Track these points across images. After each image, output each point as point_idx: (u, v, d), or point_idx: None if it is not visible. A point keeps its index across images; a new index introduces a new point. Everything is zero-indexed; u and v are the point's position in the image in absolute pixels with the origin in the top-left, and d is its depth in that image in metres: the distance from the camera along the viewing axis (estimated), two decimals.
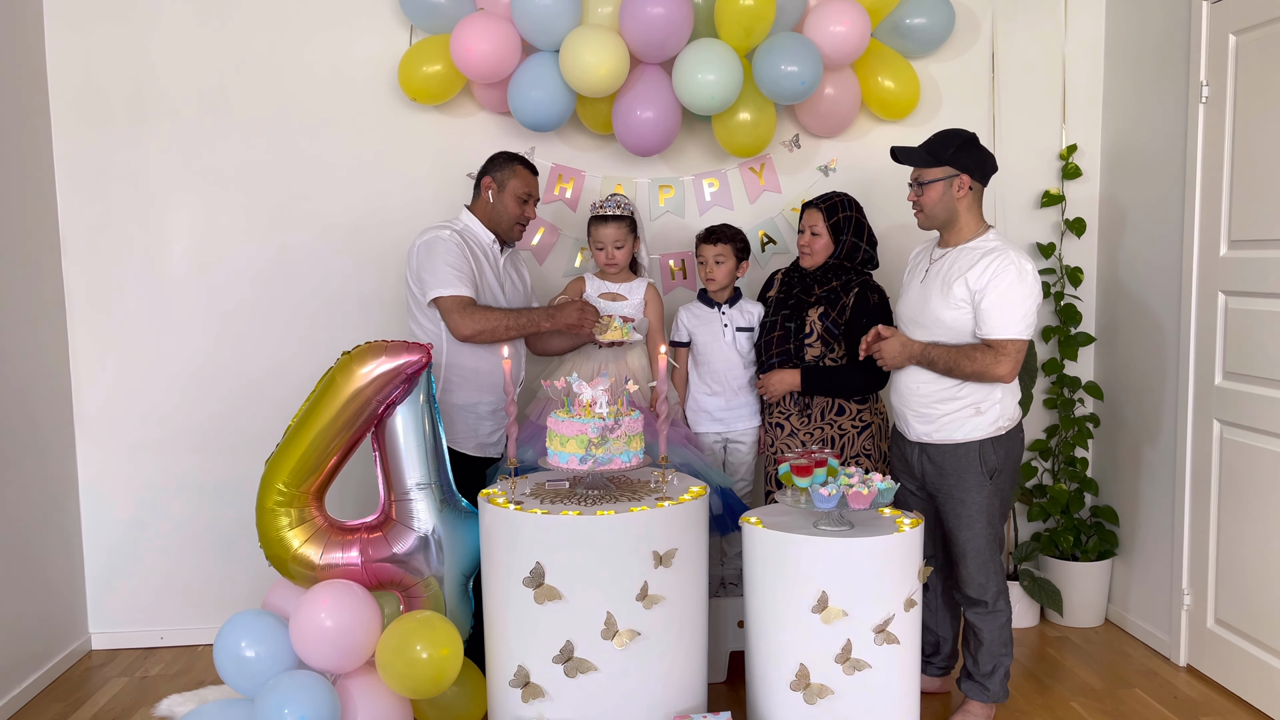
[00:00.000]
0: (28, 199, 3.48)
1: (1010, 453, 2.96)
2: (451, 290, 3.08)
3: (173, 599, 3.80)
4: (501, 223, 3.25)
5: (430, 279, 3.09)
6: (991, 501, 2.95)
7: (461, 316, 3.08)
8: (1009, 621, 3.03)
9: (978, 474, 2.92)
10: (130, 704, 3.32)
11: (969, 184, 2.89)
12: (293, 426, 2.85)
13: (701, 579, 2.77)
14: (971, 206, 2.92)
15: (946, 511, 3.00)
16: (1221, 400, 3.27)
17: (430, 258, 3.10)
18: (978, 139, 2.93)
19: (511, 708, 2.66)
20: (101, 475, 3.75)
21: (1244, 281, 3.16)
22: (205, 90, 3.67)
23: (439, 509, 2.89)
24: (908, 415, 3.01)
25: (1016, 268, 2.80)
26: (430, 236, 3.15)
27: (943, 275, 2.91)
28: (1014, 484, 3.03)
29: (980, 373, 2.83)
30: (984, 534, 2.95)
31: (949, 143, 2.90)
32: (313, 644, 2.69)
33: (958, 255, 2.90)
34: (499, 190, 3.23)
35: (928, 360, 2.90)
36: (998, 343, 2.81)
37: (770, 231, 3.87)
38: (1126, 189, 3.81)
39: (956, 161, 2.88)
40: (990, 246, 2.87)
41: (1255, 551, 3.14)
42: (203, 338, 3.74)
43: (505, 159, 3.27)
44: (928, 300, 2.93)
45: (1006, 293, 2.78)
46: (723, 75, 3.33)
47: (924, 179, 2.92)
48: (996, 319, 2.80)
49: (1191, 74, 3.36)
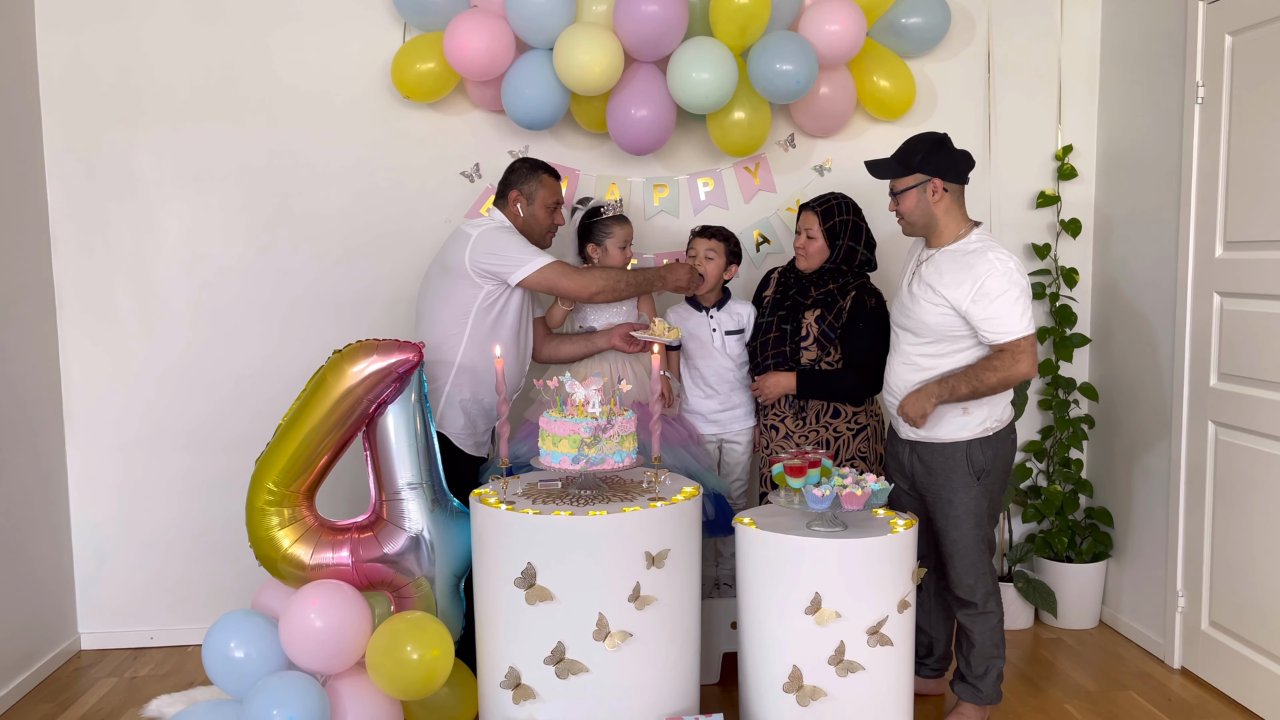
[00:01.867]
0: (18, 196, 3.46)
1: (1000, 454, 2.95)
2: (543, 259, 3.07)
3: (162, 599, 3.78)
4: (534, 233, 3.23)
5: (519, 256, 3.07)
6: (979, 502, 2.93)
7: (578, 278, 3.10)
8: (1000, 623, 3.02)
9: (964, 474, 2.91)
10: (119, 704, 3.29)
11: (943, 187, 2.87)
12: (283, 425, 2.83)
13: (694, 580, 2.75)
14: (950, 209, 2.89)
15: (935, 511, 2.99)
16: (1216, 402, 3.26)
17: (504, 242, 3.08)
18: (948, 140, 2.90)
19: (503, 709, 2.64)
20: (91, 474, 3.72)
21: (1239, 283, 3.15)
22: (197, 88, 3.65)
23: (430, 509, 2.87)
24: (901, 418, 3.00)
25: (1000, 267, 2.78)
26: (487, 226, 3.12)
27: (927, 279, 2.90)
28: (1004, 486, 3.02)
29: (1005, 379, 2.80)
30: (972, 535, 2.94)
31: (917, 149, 2.88)
32: (302, 645, 2.67)
33: (941, 258, 2.89)
34: (529, 202, 3.21)
35: (953, 394, 2.85)
36: (1009, 345, 2.79)
37: (765, 231, 3.85)
38: (1122, 190, 3.80)
39: (927, 167, 2.86)
40: (971, 249, 2.85)
41: (1250, 554, 3.13)
42: (193, 336, 3.72)
43: (528, 169, 3.23)
44: (915, 303, 2.92)
45: (1000, 295, 2.77)
46: (717, 74, 3.32)
47: (898, 188, 2.92)
48: (999, 323, 2.78)
49: (1187, 75, 3.35)
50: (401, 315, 3.70)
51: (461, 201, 3.72)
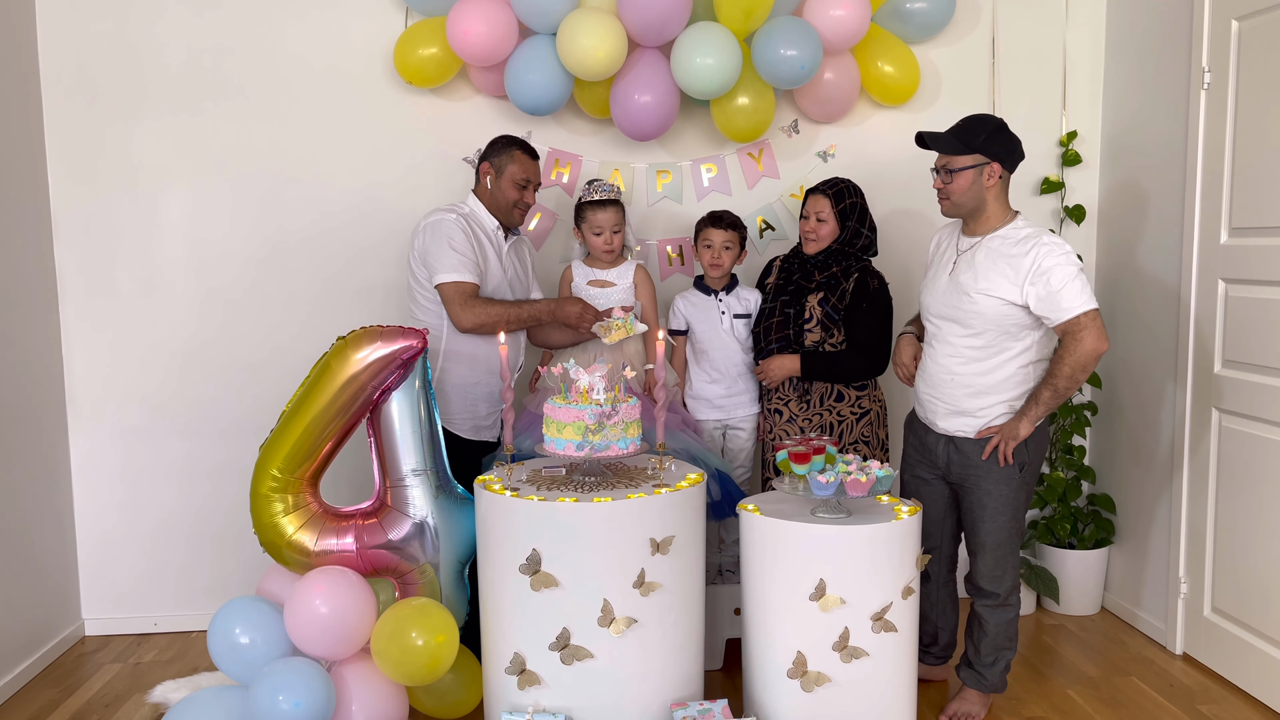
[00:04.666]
0: (19, 181, 3.45)
1: (1039, 444, 2.91)
2: (455, 276, 3.07)
3: (167, 585, 3.78)
4: (500, 208, 3.24)
5: (436, 263, 3.08)
6: (1018, 494, 2.89)
7: (463, 307, 3.07)
8: (1017, 617, 3.00)
9: (1007, 466, 2.86)
10: (124, 690, 3.30)
11: (999, 172, 2.81)
12: (287, 412, 2.83)
13: (699, 566, 2.75)
14: (999, 195, 2.84)
15: (970, 502, 2.93)
16: (1220, 388, 3.26)
17: (436, 241, 3.09)
18: (1007, 126, 2.84)
19: (507, 695, 2.65)
20: (95, 460, 3.72)
21: (1244, 269, 3.15)
22: (198, 72, 3.63)
23: (434, 495, 2.87)
24: (938, 407, 2.94)
25: (1055, 247, 2.72)
26: (436, 219, 3.13)
27: (975, 267, 2.82)
28: (1037, 478, 2.98)
29: (1077, 363, 2.71)
30: (1007, 527, 2.90)
31: (980, 130, 2.81)
32: (307, 631, 2.67)
33: (991, 245, 2.82)
34: (496, 176, 3.21)
35: (1046, 410, 2.79)
36: (1075, 321, 2.71)
37: (769, 218, 3.84)
38: (1127, 176, 3.79)
39: (987, 149, 2.79)
40: (1023, 234, 2.79)
41: (1252, 540, 3.14)
42: (196, 322, 3.71)
43: (504, 144, 3.25)
44: (962, 294, 2.83)
45: (1057, 271, 2.69)
46: (721, 59, 3.30)
47: (953, 166, 2.82)
48: (1066, 301, 2.70)
49: (1194, 60, 3.34)
50: (403, 302, 3.69)
51: (464, 187, 3.71)
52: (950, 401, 2.91)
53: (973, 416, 2.88)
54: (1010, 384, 2.84)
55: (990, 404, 2.86)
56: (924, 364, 3.00)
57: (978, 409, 2.87)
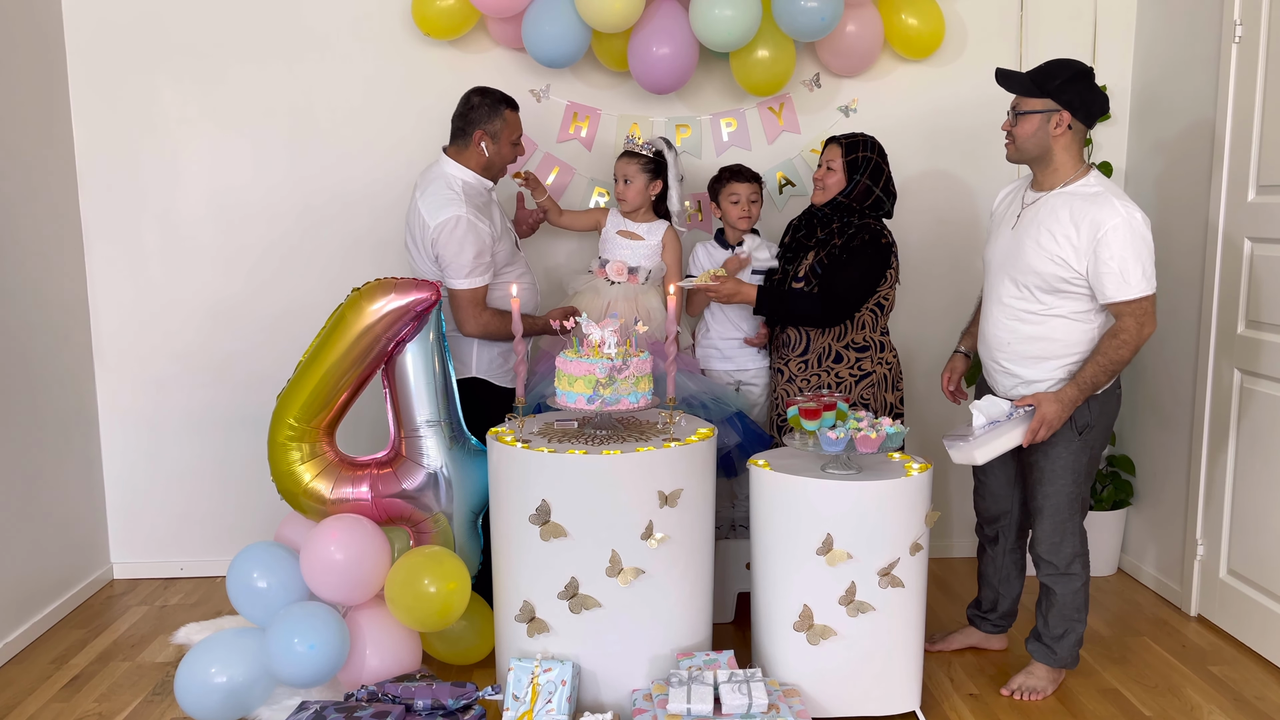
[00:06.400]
0: (44, 134, 3.48)
1: (1106, 409, 2.79)
2: (469, 283, 3.07)
3: (192, 530, 3.87)
4: (497, 169, 3.23)
5: (451, 268, 3.05)
6: (1079, 458, 2.78)
7: (472, 315, 3.09)
8: (1086, 585, 2.87)
9: (1068, 428, 2.74)
10: (149, 631, 3.39)
11: (1069, 121, 2.67)
12: (303, 362, 2.86)
13: (707, 519, 2.77)
14: (1069, 146, 2.70)
15: (1030, 465, 2.85)
16: (1243, 349, 3.21)
17: (461, 246, 3.02)
18: (1092, 74, 2.71)
19: (517, 642, 2.70)
20: (122, 408, 3.79)
21: (1271, 228, 3.08)
22: (220, 25, 3.64)
23: (448, 446, 2.90)
24: (995, 369, 2.87)
25: (1125, 217, 2.58)
26: (450, 216, 3.02)
27: (1039, 223, 2.70)
28: (1105, 443, 2.87)
29: (1129, 344, 2.62)
30: (1067, 491, 2.80)
31: (1057, 74, 2.68)
32: (323, 576, 2.73)
33: (1055, 202, 2.70)
34: (494, 141, 3.16)
35: (1090, 386, 2.67)
36: (1131, 305, 2.61)
37: (789, 173, 3.81)
38: (1156, 132, 3.71)
39: (1060, 95, 2.66)
40: (1091, 192, 2.65)
41: (1270, 503, 3.11)
42: (219, 274, 3.76)
43: (490, 106, 3.15)
44: (1022, 250, 2.72)
45: (1123, 248, 2.57)
46: (740, 10, 3.25)
47: (1021, 108, 2.71)
48: (1119, 279, 2.59)
49: (1225, 13, 3.25)
50: None
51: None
52: (1007, 363, 2.82)
53: (1029, 380, 2.79)
54: (1067, 345, 2.73)
55: (1047, 368, 2.76)
56: (983, 327, 2.91)
57: (1033, 373, 2.78)
